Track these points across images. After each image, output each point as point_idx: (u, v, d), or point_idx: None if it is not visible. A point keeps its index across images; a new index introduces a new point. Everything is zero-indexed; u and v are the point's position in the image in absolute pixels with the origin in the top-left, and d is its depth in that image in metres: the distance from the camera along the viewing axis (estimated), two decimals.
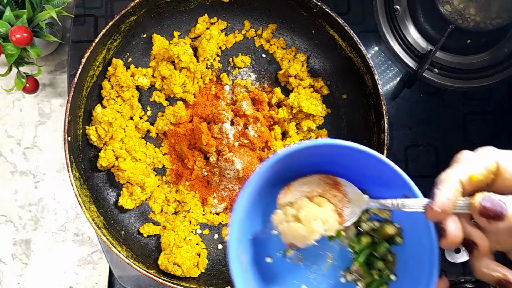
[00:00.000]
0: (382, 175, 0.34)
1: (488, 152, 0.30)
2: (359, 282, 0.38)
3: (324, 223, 0.35)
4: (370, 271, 0.38)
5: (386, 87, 0.65)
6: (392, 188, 0.34)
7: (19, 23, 0.55)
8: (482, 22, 0.60)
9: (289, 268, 0.39)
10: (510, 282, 0.30)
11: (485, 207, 0.27)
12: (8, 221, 0.66)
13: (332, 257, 0.39)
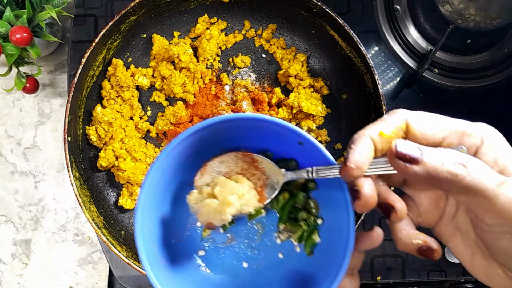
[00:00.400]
0: (290, 140, 0.34)
1: (399, 112, 0.31)
2: (292, 238, 0.38)
3: (240, 197, 0.34)
4: (297, 223, 0.38)
5: (386, 87, 0.65)
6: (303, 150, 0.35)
7: (19, 23, 0.55)
8: (482, 22, 0.60)
9: (225, 253, 0.39)
10: (430, 247, 0.30)
11: (401, 151, 0.27)
12: (8, 221, 0.66)
13: (260, 225, 0.39)
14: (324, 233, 0.37)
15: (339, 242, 0.34)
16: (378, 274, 0.63)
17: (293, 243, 0.38)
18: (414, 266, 0.63)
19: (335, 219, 0.35)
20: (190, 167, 0.36)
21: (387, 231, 0.33)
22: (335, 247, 0.34)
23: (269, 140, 0.36)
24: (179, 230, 0.38)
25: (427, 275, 0.63)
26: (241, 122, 0.33)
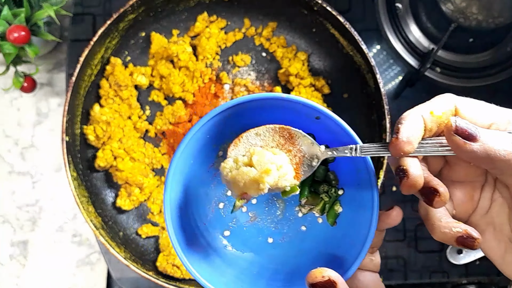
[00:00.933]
0: (306, 116, 0.34)
1: (447, 96, 0.30)
2: (314, 210, 0.38)
3: (279, 169, 0.33)
4: (319, 196, 0.38)
5: (388, 86, 0.65)
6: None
7: (17, 22, 0.55)
8: (484, 20, 0.59)
9: (250, 231, 0.39)
10: (471, 235, 0.29)
11: (461, 126, 0.27)
12: (6, 222, 0.65)
13: (282, 200, 0.39)
14: (346, 203, 0.37)
15: (362, 212, 0.34)
16: (380, 275, 0.62)
17: (315, 215, 0.38)
18: (416, 267, 0.62)
19: (356, 190, 0.35)
20: (206, 154, 0.37)
21: (391, 233, 0.33)
22: (358, 216, 0.35)
23: (284, 117, 0.36)
24: (203, 213, 0.38)
25: (429, 276, 0.62)
26: (259, 103, 0.33)
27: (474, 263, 0.62)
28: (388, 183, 0.63)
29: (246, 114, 0.35)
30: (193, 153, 0.35)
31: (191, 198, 0.37)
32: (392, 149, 0.29)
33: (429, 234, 0.31)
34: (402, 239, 0.63)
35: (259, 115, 0.36)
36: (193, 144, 0.34)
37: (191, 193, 0.37)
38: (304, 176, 0.35)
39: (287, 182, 0.34)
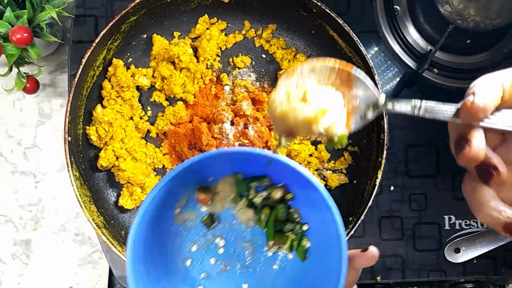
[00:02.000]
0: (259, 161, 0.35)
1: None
2: (282, 249, 0.38)
3: (333, 112, 0.29)
4: (284, 235, 0.38)
5: (386, 87, 0.65)
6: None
7: (19, 23, 0.55)
8: (482, 22, 0.60)
9: (223, 281, 0.39)
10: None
11: None
12: (8, 221, 0.66)
13: (249, 243, 0.40)
14: (314, 236, 0.37)
15: (331, 246, 0.34)
16: (378, 274, 0.63)
17: (284, 252, 0.39)
18: (414, 266, 0.63)
19: (321, 221, 0.35)
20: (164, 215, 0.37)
21: (389, 232, 0.33)
22: (328, 249, 0.34)
23: (238, 165, 0.37)
24: (172, 273, 0.38)
25: (427, 275, 0.63)
26: (210, 160, 0.34)
27: (471, 262, 0.62)
28: (386, 182, 0.63)
29: (199, 170, 0.35)
30: (151, 218, 0.35)
31: (157, 261, 0.37)
32: (464, 113, 0.26)
33: (427, 233, 0.31)
34: (400, 237, 0.63)
35: (213, 169, 0.36)
36: (151, 209, 0.34)
37: (155, 256, 0.37)
38: (355, 127, 0.31)
39: (339, 129, 0.30)
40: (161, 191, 0.34)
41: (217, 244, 0.40)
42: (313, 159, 0.59)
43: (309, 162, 0.59)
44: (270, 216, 0.38)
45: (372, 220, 0.63)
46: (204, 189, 0.38)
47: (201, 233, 0.40)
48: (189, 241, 0.39)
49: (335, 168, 0.60)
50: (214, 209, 0.39)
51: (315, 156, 0.59)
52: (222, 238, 0.40)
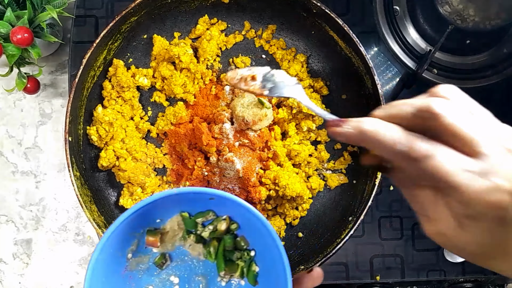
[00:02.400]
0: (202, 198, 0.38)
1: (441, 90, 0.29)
2: (234, 276, 0.40)
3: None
4: (234, 263, 0.40)
5: (386, 88, 0.65)
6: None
7: (20, 23, 0.55)
8: (481, 22, 0.60)
9: None
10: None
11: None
12: (9, 221, 0.66)
13: (203, 276, 0.41)
14: (260, 260, 0.39)
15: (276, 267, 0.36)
16: (377, 273, 0.63)
17: (237, 279, 0.41)
18: (413, 265, 0.63)
19: (265, 245, 0.38)
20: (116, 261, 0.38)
21: (388, 232, 0.34)
22: (274, 270, 0.37)
23: (184, 204, 0.39)
24: None
25: (426, 274, 0.63)
26: (157, 203, 0.36)
27: None
28: (385, 182, 0.64)
29: (146, 213, 0.37)
30: (103, 267, 0.36)
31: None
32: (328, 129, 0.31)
33: None
34: (399, 237, 0.63)
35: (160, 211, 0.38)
36: (102, 258, 0.35)
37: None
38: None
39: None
40: (110, 239, 0.35)
41: (172, 282, 0.41)
42: (312, 159, 0.59)
43: (308, 162, 0.59)
44: (219, 248, 0.40)
45: (372, 220, 0.63)
46: (152, 231, 0.40)
47: (155, 274, 0.41)
48: (144, 283, 0.40)
49: (334, 168, 0.60)
50: (165, 249, 0.41)
51: (314, 156, 0.60)
52: (175, 275, 0.41)
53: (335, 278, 0.63)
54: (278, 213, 0.59)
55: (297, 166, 0.59)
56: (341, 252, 0.61)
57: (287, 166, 0.58)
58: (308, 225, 0.59)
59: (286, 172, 0.57)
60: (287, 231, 0.59)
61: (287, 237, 0.59)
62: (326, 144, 0.60)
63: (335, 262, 0.63)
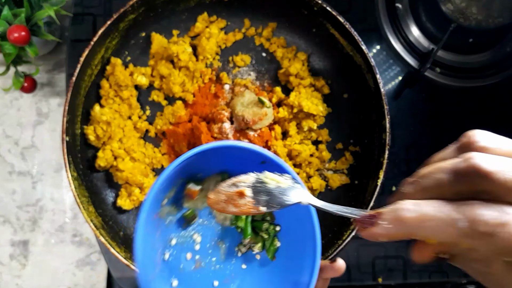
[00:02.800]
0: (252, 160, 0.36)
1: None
2: (254, 248, 0.40)
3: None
4: (258, 234, 0.40)
5: (388, 86, 0.65)
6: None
7: (17, 22, 0.55)
8: (484, 21, 0.59)
9: (196, 277, 0.40)
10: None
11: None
12: (6, 222, 0.65)
13: (223, 242, 0.41)
14: (284, 236, 0.39)
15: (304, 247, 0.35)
16: (380, 275, 0.62)
17: (253, 252, 0.41)
18: (415, 267, 0.62)
19: (294, 223, 0.37)
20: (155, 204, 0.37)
21: None
22: (298, 249, 0.36)
23: (230, 162, 0.38)
24: (151, 265, 0.38)
25: (428, 276, 0.62)
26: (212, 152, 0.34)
27: None
28: (387, 182, 0.63)
29: (195, 162, 0.36)
30: (151, 205, 0.35)
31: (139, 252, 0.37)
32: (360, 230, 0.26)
33: None
34: None
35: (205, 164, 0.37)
36: (153, 196, 0.34)
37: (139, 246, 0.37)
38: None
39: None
40: (163, 182, 0.33)
41: (194, 240, 0.41)
42: (314, 159, 0.58)
43: (310, 162, 0.58)
44: (248, 215, 0.40)
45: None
46: (195, 182, 0.39)
47: (180, 228, 0.41)
48: (169, 233, 0.40)
49: (336, 168, 0.59)
50: (196, 206, 0.41)
51: (316, 156, 0.59)
52: (199, 234, 0.41)
53: (336, 280, 0.62)
54: None
55: (298, 166, 0.58)
56: (343, 254, 0.60)
57: None
58: None
59: None
60: None
61: None
62: (327, 143, 0.60)
63: None
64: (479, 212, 0.21)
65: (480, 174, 0.21)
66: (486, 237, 0.21)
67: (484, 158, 0.22)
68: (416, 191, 0.24)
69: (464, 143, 0.24)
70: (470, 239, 0.21)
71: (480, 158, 0.22)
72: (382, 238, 0.24)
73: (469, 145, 0.24)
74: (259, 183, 0.32)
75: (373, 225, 0.24)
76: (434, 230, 0.22)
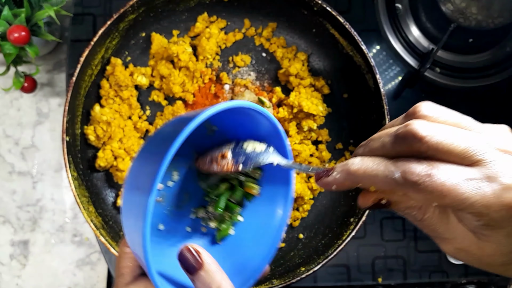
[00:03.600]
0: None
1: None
2: (210, 222, 0.40)
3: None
4: (222, 214, 0.40)
5: (388, 86, 0.65)
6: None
7: (17, 22, 0.55)
8: (484, 21, 0.60)
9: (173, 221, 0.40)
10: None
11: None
12: (6, 222, 0.65)
13: (188, 196, 0.40)
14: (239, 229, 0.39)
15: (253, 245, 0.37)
16: (379, 275, 0.62)
17: (202, 223, 0.40)
18: (415, 267, 0.62)
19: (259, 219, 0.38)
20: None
21: (390, 233, 0.33)
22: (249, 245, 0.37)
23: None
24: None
25: (428, 276, 0.62)
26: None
27: None
28: None
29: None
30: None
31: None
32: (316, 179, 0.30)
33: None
34: (401, 238, 0.63)
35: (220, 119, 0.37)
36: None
37: None
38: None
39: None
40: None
41: (171, 177, 0.40)
42: (314, 159, 0.58)
43: (309, 162, 0.58)
44: (226, 193, 0.39)
45: (374, 221, 0.63)
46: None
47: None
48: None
49: None
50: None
51: (316, 156, 0.59)
52: (177, 174, 0.40)
53: (336, 280, 0.62)
54: None
55: None
56: (343, 254, 0.60)
57: None
58: (309, 226, 0.59)
59: None
60: (288, 232, 0.58)
61: (288, 238, 0.58)
62: (327, 143, 0.60)
63: (336, 264, 0.62)
64: (411, 165, 0.25)
65: (416, 137, 0.25)
66: (416, 186, 0.25)
67: (420, 125, 0.25)
68: (365, 152, 0.28)
69: (410, 112, 0.28)
70: (403, 187, 0.25)
71: (417, 124, 0.25)
72: (333, 186, 0.28)
73: (414, 114, 0.27)
74: (238, 147, 0.37)
75: (327, 176, 0.28)
76: (374, 179, 0.26)
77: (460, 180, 0.24)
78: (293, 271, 0.53)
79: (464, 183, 0.24)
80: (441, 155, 0.25)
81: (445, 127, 0.26)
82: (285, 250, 0.58)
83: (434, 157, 0.25)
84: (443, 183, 0.24)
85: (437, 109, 0.28)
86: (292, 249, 0.57)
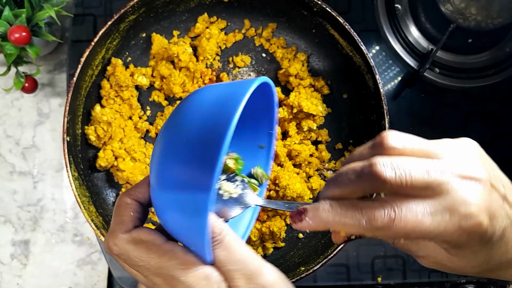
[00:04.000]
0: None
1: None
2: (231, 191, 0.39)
3: None
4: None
5: (387, 87, 0.65)
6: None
7: (18, 22, 0.55)
8: (483, 21, 0.60)
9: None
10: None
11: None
12: (7, 222, 0.66)
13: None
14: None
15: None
16: (379, 275, 0.62)
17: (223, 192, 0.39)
18: (415, 267, 0.62)
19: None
20: None
21: None
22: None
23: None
24: None
25: (428, 276, 0.62)
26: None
27: None
28: None
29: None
30: None
31: None
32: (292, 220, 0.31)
33: None
34: None
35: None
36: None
37: None
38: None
39: None
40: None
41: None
42: (313, 159, 0.58)
43: (309, 162, 0.58)
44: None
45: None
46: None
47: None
48: None
49: (336, 169, 0.60)
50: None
51: (315, 156, 0.59)
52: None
53: (336, 279, 0.62)
54: (279, 214, 0.58)
55: (298, 166, 0.59)
56: (342, 253, 0.61)
57: (287, 166, 0.57)
58: None
59: (287, 172, 0.56)
60: (288, 232, 0.59)
61: (288, 238, 0.59)
62: (327, 144, 0.60)
63: (336, 264, 0.62)
64: (375, 212, 0.27)
65: (379, 180, 0.26)
66: (381, 230, 0.27)
67: (383, 165, 0.26)
68: (334, 188, 0.29)
69: (377, 142, 0.29)
70: (371, 232, 0.27)
71: (380, 165, 0.26)
72: (307, 229, 0.30)
73: (380, 146, 0.28)
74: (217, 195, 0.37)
75: (301, 220, 0.29)
76: (343, 227, 0.28)
77: (422, 217, 0.26)
78: (293, 271, 0.53)
79: (427, 219, 0.26)
80: (404, 190, 0.27)
81: (408, 162, 0.27)
82: (284, 250, 0.58)
83: (398, 192, 0.27)
84: (406, 223, 0.26)
85: (402, 140, 0.28)
86: (292, 249, 0.58)
